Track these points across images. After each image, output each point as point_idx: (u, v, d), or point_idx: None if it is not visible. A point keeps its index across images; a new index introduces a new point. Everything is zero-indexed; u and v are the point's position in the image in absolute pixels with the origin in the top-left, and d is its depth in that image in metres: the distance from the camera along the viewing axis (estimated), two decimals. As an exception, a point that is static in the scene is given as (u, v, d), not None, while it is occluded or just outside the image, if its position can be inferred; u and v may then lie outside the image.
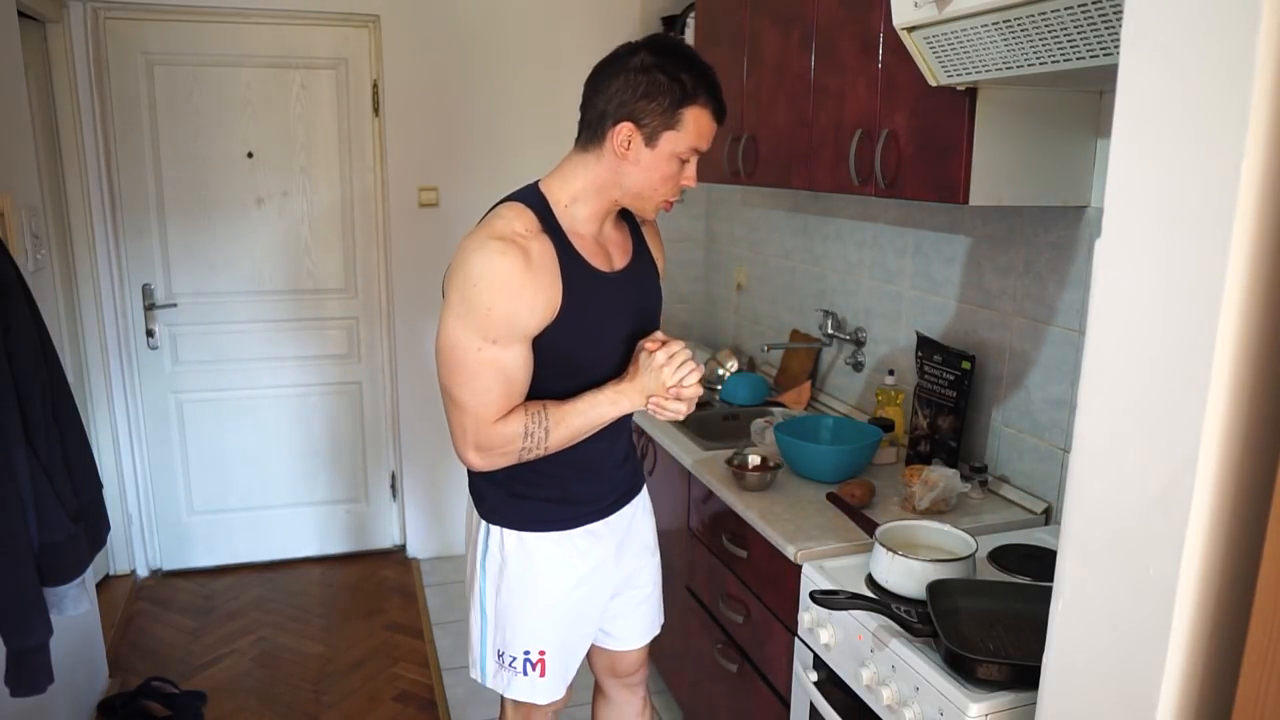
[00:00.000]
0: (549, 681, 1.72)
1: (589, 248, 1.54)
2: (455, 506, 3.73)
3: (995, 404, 2.09)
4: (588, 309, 1.50)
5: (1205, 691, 0.89)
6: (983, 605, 1.48)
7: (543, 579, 1.68)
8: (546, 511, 1.66)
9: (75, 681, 2.43)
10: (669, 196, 1.53)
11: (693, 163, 1.51)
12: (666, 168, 1.48)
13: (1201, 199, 0.81)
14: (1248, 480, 0.83)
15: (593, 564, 1.72)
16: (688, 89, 1.44)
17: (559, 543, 1.68)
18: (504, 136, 3.45)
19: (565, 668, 1.75)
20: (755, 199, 3.22)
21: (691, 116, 1.45)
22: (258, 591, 3.44)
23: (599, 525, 1.72)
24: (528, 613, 1.69)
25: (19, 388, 1.64)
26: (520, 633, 1.69)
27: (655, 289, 1.70)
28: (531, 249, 1.44)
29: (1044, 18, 1.29)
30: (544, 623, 1.69)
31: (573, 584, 1.70)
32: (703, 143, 1.48)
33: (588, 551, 1.71)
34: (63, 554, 1.71)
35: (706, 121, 1.47)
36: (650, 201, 1.53)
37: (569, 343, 1.50)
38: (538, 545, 1.67)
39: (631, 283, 1.61)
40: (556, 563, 1.68)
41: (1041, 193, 1.76)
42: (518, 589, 1.68)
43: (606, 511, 1.73)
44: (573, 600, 1.71)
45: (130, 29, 3.14)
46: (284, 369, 3.52)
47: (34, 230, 2.35)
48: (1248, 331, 0.80)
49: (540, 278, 1.44)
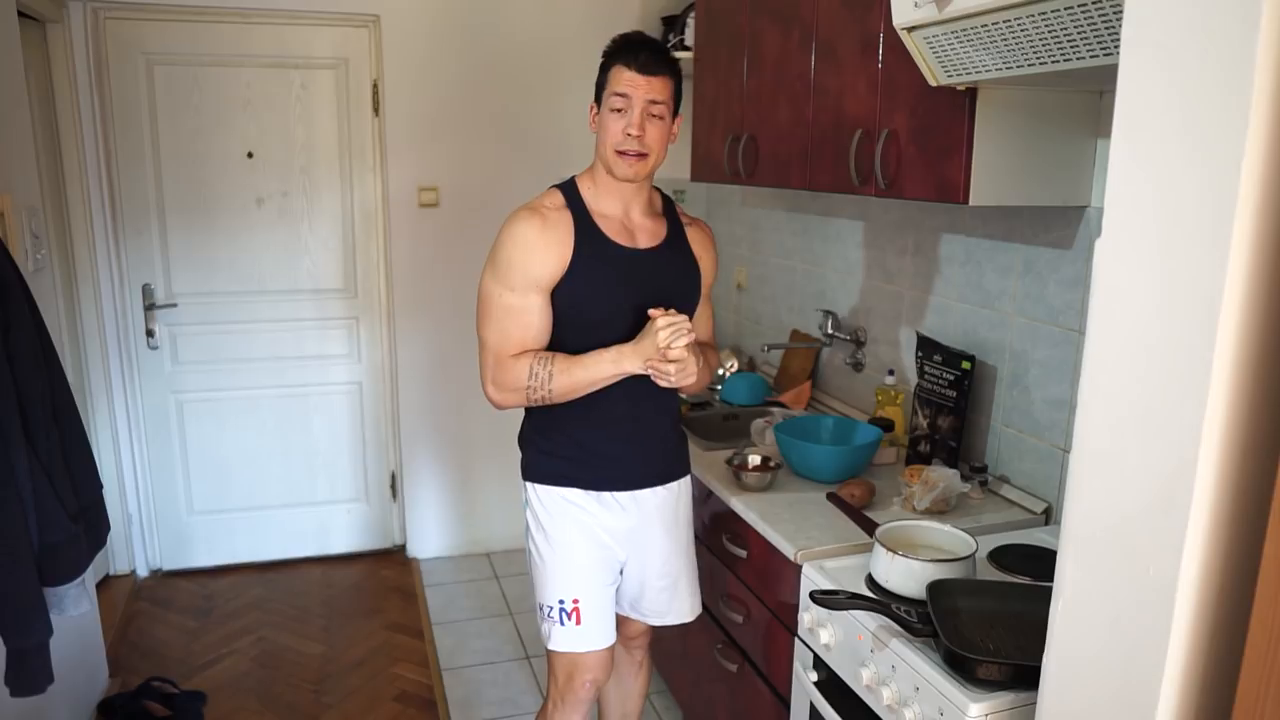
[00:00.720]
0: (586, 630, 1.85)
1: (613, 226, 1.80)
2: (455, 506, 3.73)
3: (995, 404, 2.09)
4: (596, 270, 1.75)
5: (1205, 691, 0.89)
6: (983, 605, 1.48)
7: (569, 532, 1.84)
8: (569, 468, 1.84)
9: (75, 681, 2.43)
10: (616, 146, 1.73)
11: (630, 112, 1.71)
12: (607, 121, 1.75)
13: (1201, 198, 0.81)
14: (1248, 480, 0.83)
15: (613, 529, 1.86)
16: (608, 55, 1.76)
17: (581, 500, 1.84)
18: (504, 136, 3.45)
19: (601, 619, 1.87)
20: (755, 199, 3.22)
21: (613, 73, 1.74)
22: (258, 591, 3.44)
23: (625, 496, 1.86)
24: (560, 563, 1.85)
25: (19, 388, 1.64)
26: (555, 583, 1.85)
27: (684, 276, 1.88)
28: (550, 217, 1.76)
29: (1044, 18, 1.29)
30: (575, 571, 1.85)
31: (594, 539, 1.85)
32: (620, 86, 1.71)
33: (607, 517, 1.86)
34: (63, 554, 1.71)
35: (624, 73, 1.72)
36: (609, 154, 1.74)
37: (579, 297, 1.75)
38: (561, 499, 1.85)
39: (652, 262, 1.81)
40: (577, 518, 1.84)
41: (1041, 193, 1.76)
42: (550, 541, 1.86)
43: (634, 484, 1.87)
44: (596, 555, 1.86)
45: (130, 29, 3.14)
46: (284, 369, 3.52)
47: (34, 230, 2.35)
48: (1248, 331, 0.80)
49: (552, 238, 1.73)
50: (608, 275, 1.76)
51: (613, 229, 1.79)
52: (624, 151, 1.73)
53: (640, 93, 1.71)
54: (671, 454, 1.95)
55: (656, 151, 1.75)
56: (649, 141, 1.73)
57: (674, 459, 1.96)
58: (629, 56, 1.72)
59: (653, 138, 1.73)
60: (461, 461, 3.69)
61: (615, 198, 1.80)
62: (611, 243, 1.78)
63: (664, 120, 1.74)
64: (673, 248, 1.86)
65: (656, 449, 1.90)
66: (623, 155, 1.73)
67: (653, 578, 1.95)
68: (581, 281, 1.75)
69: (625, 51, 1.73)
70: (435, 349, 3.54)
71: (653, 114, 1.72)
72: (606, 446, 1.85)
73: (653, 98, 1.71)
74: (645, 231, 1.83)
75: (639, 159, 1.73)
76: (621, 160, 1.73)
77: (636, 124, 1.71)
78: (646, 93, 1.71)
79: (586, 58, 3.59)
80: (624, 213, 1.82)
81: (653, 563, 1.94)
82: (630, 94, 1.71)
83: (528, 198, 1.85)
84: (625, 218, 1.82)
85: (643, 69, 1.71)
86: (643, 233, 1.83)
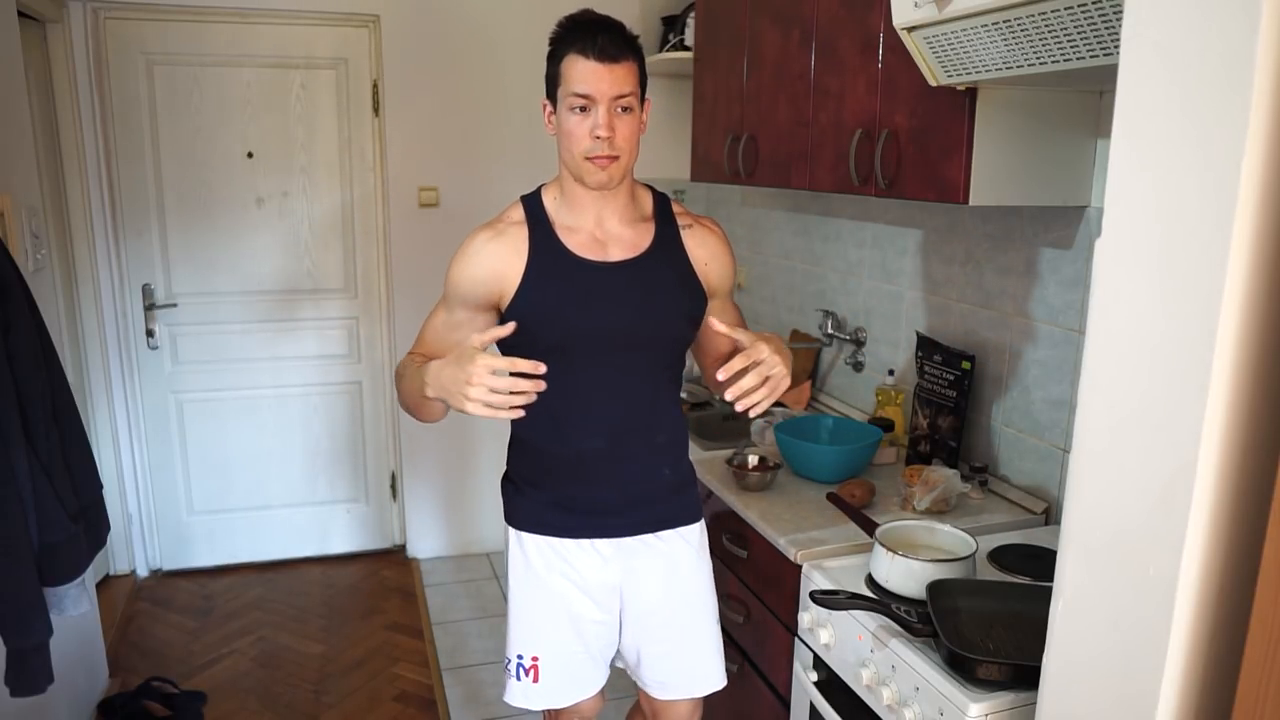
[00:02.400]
0: (543, 689, 1.69)
1: (580, 238, 1.58)
2: (455, 506, 3.73)
3: (995, 404, 2.09)
4: (548, 288, 1.56)
5: (1205, 692, 0.88)
6: (983, 605, 1.48)
7: (539, 583, 1.67)
8: (544, 514, 1.66)
9: (75, 681, 2.43)
10: (585, 153, 1.49)
11: (596, 111, 1.47)
12: (568, 124, 1.50)
13: (1201, 199, 0.81)
14: (1248, 480, 0.83)
15: (598, 584, 1.67)
16: (556, 41, 1.52)
17: (555, 549, 1.66)
18: (504, 136, 3.45)
19: (565, 677, 1.70)
20: (755, 199, 3.22)
21: (567, 65, 1.49)
22: (258, 591, 3.44)
23: (605, 544, 1.66)
24: (524, 616, 1.69)
25: (19, 388, 1.64)
26: (514, 636, 1.70)
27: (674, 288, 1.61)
28: (504, 231, 1.58)
29: (1044, 18, 1.29)
30: (538, 629, 1.68)
31: (567, 594, 1.66)
32: (579, 84, 1.46)
33: (589, 569, 1.66)
34: (63, 554, 1.71)
35: (580, 64, 1.47)
36: (576, 161, 1.52)
37: (526, 319, 1.53)
38: (535, 547, 1.67)
39: (627, 276, 1.58)
40: (552, 569, 1.66)
41: (1041, 193, 1.76)
42: (518, 590, 1.69)
43: (617, 531, 1.65)
44: (571, 613, 1.67)
45: (130, 29, 3.14)
46: (284, 369, 3.52)
47: (34, 230, 2.35)
48: (1248, 331, 0.80)
49: (497, 253, 1.56)
50: (562, 294, 1.54)
51: (579, 242, 1.57)
52: (594, 156, 1.49)
53: (604, 87, 1.45)
54: (669, 498, 1.69)
55: (629, 150, 1.51)
56: (619, 142, 1.48)
57: (673, 503, 1.69)
58: (584, 43, 1.46)
59: (624, 136, 1.49)
60: (461, 461, 3.69)
61: (584, 207, 1.57)
62: (572, 257, 1.55)
63: (633, 112, 1.50)
64: (657, 257, 1.60)
65: (645, 492, 1.65)
66: (593, 160, 1.49)
67: (648, 642, 1.71)
68: (530, 301, 1.54)
69: (578, 37, 1.47)
70: (435, 349, 3.54)
71: (621, 107, 1.48)
72: (584, 489, 1.63)
73: (619, 91, 1.46)
74: (621, 242, 1.59)
75: (611, 162, 1.49)
76: (593, 165, 1.50)
77: (605, 124, 1.46)
78: (611, 86, 1.45)
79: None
80: (595, 223, 1.58)
81: (649, 624, 1.70)
82: (592, 91, 1.46)
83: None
84: (597, 228, 1.58)
85: (603, 56, 1.45)
86: (618, 244, 1.58)
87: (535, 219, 1.58)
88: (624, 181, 1.57)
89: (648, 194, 1.67)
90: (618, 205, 1.59)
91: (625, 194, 1.60)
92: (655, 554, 1.69)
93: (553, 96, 1.53)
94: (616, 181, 1.54)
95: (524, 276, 1.54)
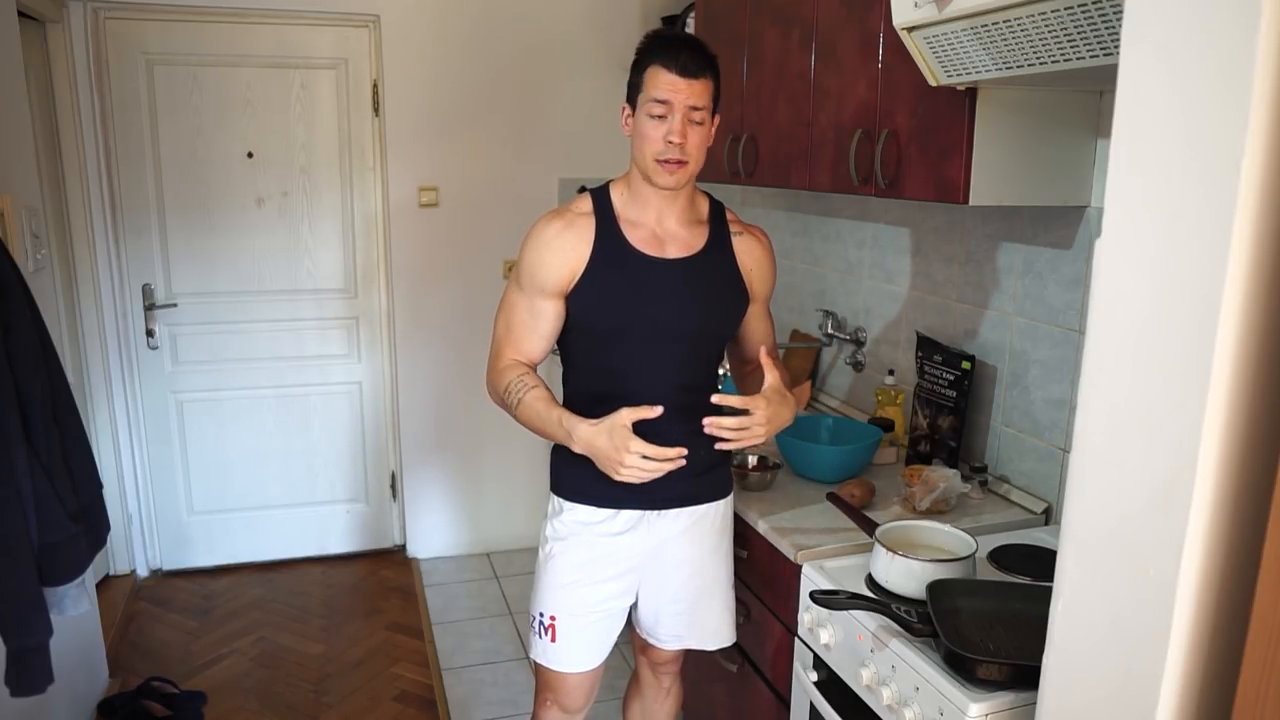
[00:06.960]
0: (559, 649, 1.82)
1: (641, 234, 1.72)
2: (455, 506, 3.73)
3: (995, 404, 2.09)
4: (609, 278, 1.69)
5: (1205, 691, 0.88)
6: (983, 605, 1.48)
7: (568, 547, 1.79)
8: (590, 485, 1.75)
9: (75, 681, 2.43)
10: (656, 155, 1.64)
11: (672, 119, 1.61)
12: (645, 127, 1.64)
13: (1201, 199, 0.81)
14: (1247, 480, 0.83)
15: (630, 550, 1.79)
16: (643, 53, 1.65)
17: (598, 518, 1.77)
18: (504, 136, 3.45)
19: (579, 642, 1.82)
20: (755, 199, 3.22)
21: (650, 75, 1.63)
22: (258, 591, 3.44)
23: (643, 515, 1.78)
24: (549, 576, 1.81)
25: (19, 388, 1.64)
26: (540, 594, 1.83)
27: (721, 289, 1.77)
28: (574, 221, 1.70)
29: (1044, 18, 1.29)
30: (559, 590, 1.80)
31: (597, 563, 1.79)
32: (660, 92, 1.61)
33: (625, 537, 1.78)
34: (63, 554, 1.71)
35: (662, 75, 1.61)
36: (647, 163, 1.65)
37: (588, 305, 1.69)
38: (573, 514, 1.79)
39: (680, 272, 1.72)
40: (582, 536, 1.78)
41: (1041, 193, 1.76)
42: (550, 552, 1.82)
43: (654, 504, 1.77)
44: (592, 579, 1.79)
45: (130, 29, 3.14)
46: (284, 369, 3.52)
47: (34, 230, 2.35)
48: (1248, 331, 0.80)
49: (567, 241, 1.68)
50: (621, 284, 1.69)
51: (641, 237, 1.71)
52: (665, 160, 1.63)
53: (682, 98, 1.60)
54: (705, 474, 1.80)
55: (697, 158, 1.65)
56: (689, 149, 1.63)
57: (706, 481, 1.81)
58: (668, 57, 1.60)
59: (694, 144, 1.63)
60: (461, 461, 3.69)
61: (648, 205, 1.71)
62: (633, 251, 1.70)
63: (704, 125, 1.65)
64: (709, 258, 1.75)
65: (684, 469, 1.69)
66: (664, 164, 1.63)
67: (667, 602, 1.86)
68: (592, 289, 1.68)
69: (664, 51, 1.62)
70: (435, 349, 3.54)
71: (694, 120, 1.62)
72: None
73: (694, 103, 1.61)
74: (678, 241, 1.73)
75: (679, 166, 1.64)
76: (662, 169, 1.64)
77: (679, 131, 1.61)
78: (688, 98, 1.60)
79: (587, 57, 3.62)
80: (656, 220, 1.72)
81: (669, 586, 1.84)
82: (671, 99, 1.60)
83: (528, 198, 1.85)
84: (658, 225, 1.72)
85: (684, 71, 1.59)
86: (675, 242, 1.73)
87: (603, 212, 1.72)
88: (689, 185, 1.71)
89: (705, 199, 1.81)
90: (678, 206, 1.74)
91: (686, 197, 1.74)
92: (686, 526, 1.82)
93: (633, 101, 1.67)
94: (682, 184, 1.68)
95: (588, 264, 1.68)
